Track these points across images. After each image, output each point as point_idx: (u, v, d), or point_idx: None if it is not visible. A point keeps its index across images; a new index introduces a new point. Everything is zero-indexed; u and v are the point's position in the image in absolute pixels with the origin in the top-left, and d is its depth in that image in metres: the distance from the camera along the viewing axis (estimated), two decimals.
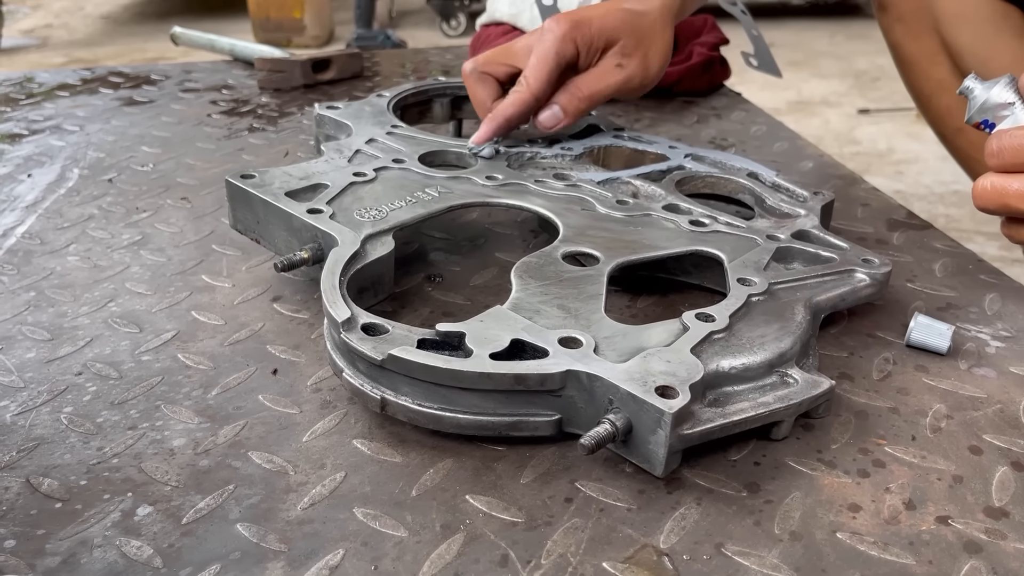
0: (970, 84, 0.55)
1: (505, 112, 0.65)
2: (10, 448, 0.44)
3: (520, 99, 0.65)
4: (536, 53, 0.65)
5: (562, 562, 0.37)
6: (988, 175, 0.54)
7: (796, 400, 0.43)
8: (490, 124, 0.66)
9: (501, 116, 0.65)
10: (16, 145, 0.86)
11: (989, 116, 0.55)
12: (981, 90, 0.55)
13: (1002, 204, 0.53)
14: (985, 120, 0.55)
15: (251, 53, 1.14)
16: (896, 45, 1.02)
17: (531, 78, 0.65)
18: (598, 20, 0.66)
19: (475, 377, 0.41)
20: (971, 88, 0.55)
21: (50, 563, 0.37)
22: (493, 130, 0.66)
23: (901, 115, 2.71)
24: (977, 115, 0.55)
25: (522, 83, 0.65)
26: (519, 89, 0.65)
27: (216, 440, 0.45)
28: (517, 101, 0.65)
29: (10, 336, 0.54)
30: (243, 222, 0.59)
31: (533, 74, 0.65)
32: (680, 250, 0.55)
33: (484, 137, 0.66)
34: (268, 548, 0.38)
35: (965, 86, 0.56)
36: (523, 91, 0.65)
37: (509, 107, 0.65)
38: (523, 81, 0.65)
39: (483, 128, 0.66)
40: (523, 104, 0.65)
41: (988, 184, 0.53)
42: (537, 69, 0.65)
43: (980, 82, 0.55)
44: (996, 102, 0.54)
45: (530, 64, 0.65)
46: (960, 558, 0.38)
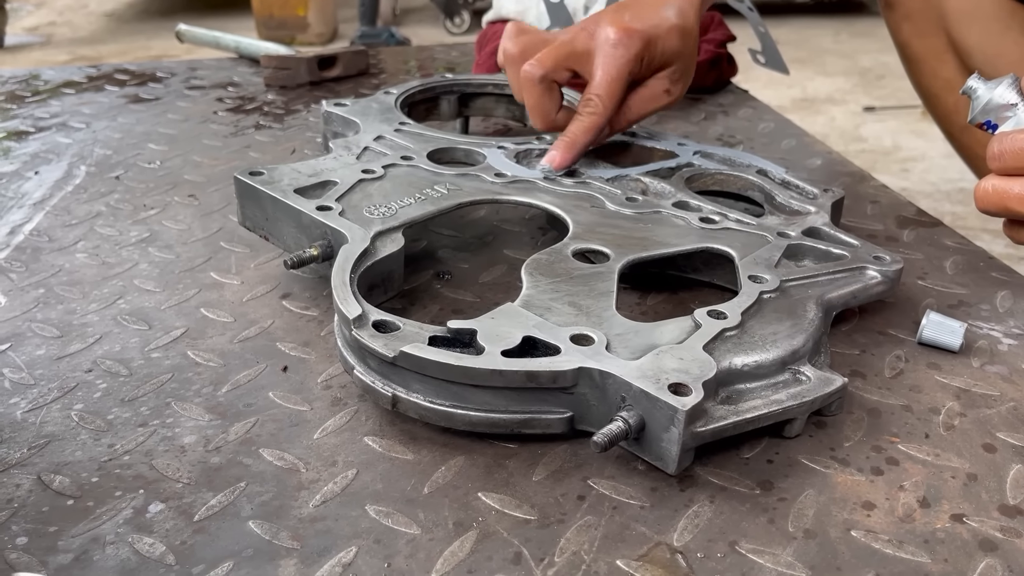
0: (973, 84, 0.55)
1: (584, 139, 0.62)
2: (21, 445, 0.44)
3: (596, 124, 0.62)
4: (607, 70, 0.61)
5: (575, 560, 0.37)
6: (990, 177, 0.54)
7: (809, 398, 0.43)
8: (570, 151, 0.62)
9: (581, 144, 0.62)
10: (23, 142, 0.86)
11: (992, 117, 0.54)
12: (984, 90, 0.55)
13: (1003, 207, 0.53)
14: (988, 121, 0.55)
15: (256, 50, 1.14)
16: (903, 43, 1.01)
17: (607, 99, 0.61)
18: (662, 41, 0.63)
19: (487, 374, 0.41)
20: (974, 88, 0.55)
21: (63, 560, 0.37)
22: (574, 157, 0.63)
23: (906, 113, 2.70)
24: (980, 116, 0.55)
25: (596, 104, 0.62)
26: (595, 111, 0.62)
27: (227, 437, 0.45)
28: (593, 127, 0.62)
29: (20, 333, 0.54)
30: (252, 219, 0.59)
31: (608, 95, 0.61)
32: (690, 247, 0.55)
33: (566, 164, 0.63)
34: (280, 545, 0.38)
35: (968, 86, 0.55)
36: (599, 115, 0.62)
37: (585, 133, 0.62)
38: (597, 102, 0.62)
39: (563, 154, 0.62)
40: (598, 129, 0.62)
41: (990, 187, 0.54)
42: (611, 90, 0.61)
43: (983, 82, 0.55)
44: (999, 103, 0.54)
45: (602, 81, 0.61)
46: (975, 556, 0.38)
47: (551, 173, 0.63)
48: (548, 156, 0.63)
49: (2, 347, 0.52)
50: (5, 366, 0.50)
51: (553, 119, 0.64)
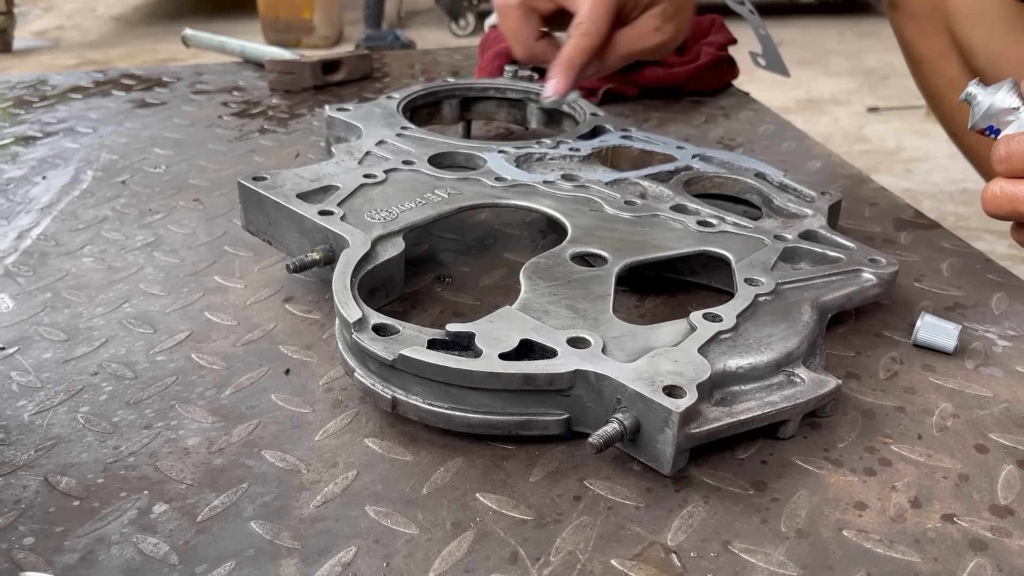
0: (973, 90, 0.55)
1: (577, 60, 0.62)
2: (28, 447, 0.45)
3: (589, 45, 0.61)
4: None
5: (571, 559, 0.38)
6: (997, 181, 0.54)
7: (803, 399, 0.44)
8: (566, 74, 0.62)
9: (577, 64, 0.62)
10: (30, 147, 0.87)
11: (993, 122, 0.55)
12: (984, 96, 0.55)
13: (1012, 210, 0.53)
14: (990, 126, 0.55)
15: (261, 55, 1.15)
16: (907, 43, 1.02)
17: (596, 23, 0.61)
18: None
19: (485, 377, 0.42)
20: (974, 94, 0.55)
21: (68, 560, 0.38)
22: (570, 80, 0.62)
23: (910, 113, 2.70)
24: (981, 121, 0.55)
25: (588, 26, 0.61)
26: (586, 33, 0.61)
27: (230, 439, 0.46)
28: (585, 48, 0.62)
29: (27, 336, 0.55)
30: (255, 224, 0.60)
31: (596, 19, 0.61)
32: (688, 250, 0.55)
33: (567, 87, 0.62)
34: (282, 545, 0.39)
35: (968, 92, 0.56)
36: (591, 37, 0.61)
37: (579, 54, 0.62)
38: (588, 24, 0.61)
39: (559, 78, 0.62)
40: (590, 51, 0.62)
41: (998, 190, 0.53)
42: (599, 13, 0.61)
43: (982, 88, 0.55)
44: (1000, 107, 0.54)
45: (588, 6, 0.61)
46: (965, 555, 0.38)
47: (556, 99, 0.62)
48: (548, 84, 0.63)
49: (10, 350, 0.53)
50: (13, 369, 0.51)
51: (531, 45, 0.64)
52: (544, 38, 0.65)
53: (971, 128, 0.56)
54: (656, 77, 1.01)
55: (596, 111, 0.77)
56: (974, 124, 0.55)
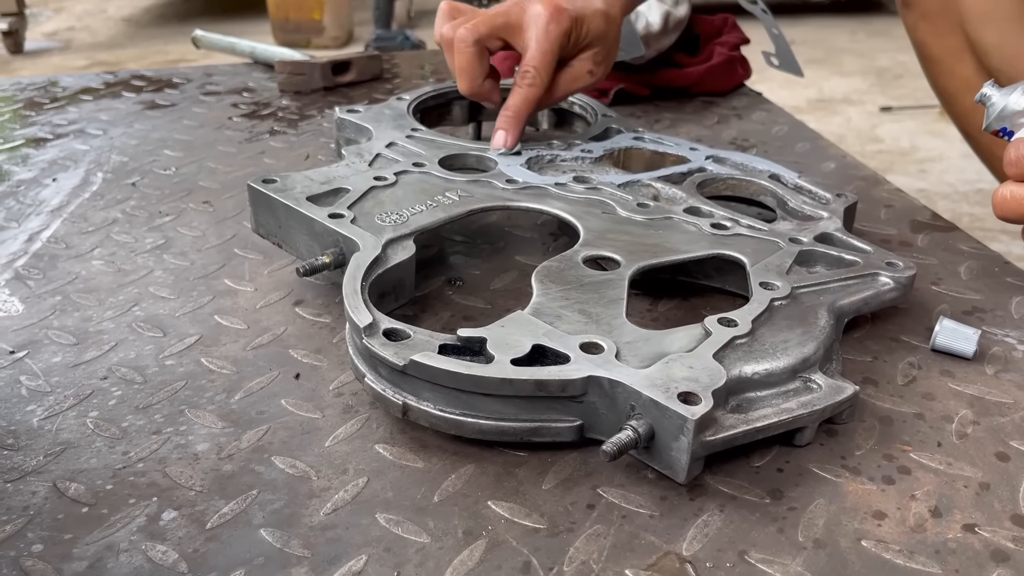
0: (987, 91, 0.55)
1: (524, 111, 0.65)
2: (37, 453, 0.45)
3: (535, 96, 0.65)
4: (541, 44, 0.64)
5: (584, 569, 0.37)
6: (1007, 184, 0.53)
7: (819, 406, 0.43)
8: (514, 126, 0.65)
9: (524, 114, 0.65)
10: (41, 149, 0.87)
11: (1007, 124, 0.54)
12: (998, 97, 0.54)
13: (1022, 214, 0.53)
14: (1003, 128, 0.54)
15: (271, 56, 1.15)
16: (920, 43, 1.01)
17: (544, 72, 0.64)
18: (587, 21, 0.65)
19: (496, 383, 0.41)
20: (988, 95, 0.55)
21: (77, 567, 0.38)
22: (518, 131, 0.66)
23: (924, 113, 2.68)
24: (995, 123, 0.54)
25: (535, 76, 0.64)
26: (533, 83, 0.64)
27: (239, 445, 0.45)
28: (532, 98, 0.65)
29: (36, 340, 0.54)
30: (265, 226, 0.60)
31: (544, 67, 0.64)
32: (701, 254, 0.55)
33: (514, 140, 0.66)
34: (291, 553, 0.38)
35: (982, 93, 0.55)
36: (537, 87, 0.64)
37: (525, 105, 0.65)
38: (535, 74, 0.64)
39: (511, 131, 0.65)
40: (536, 101, 0.65)
41: (1008, 193, 0.53)
42: (545, 61, 0.64)
43: (997, 89, 0.54)
44: (1014, 109, 0.53)
45: (537, 54, 0.64)
46: (987, 567, 0.38)
47: (506, 153, 0.65)
48: (496, 138, 0.66)
49: (20, 354, 0.53)
50: (22, 373, 0.51)
51: (480, 84, 0.66)
52: (490, 76, 0.67)
53: (985, 129, 0.55)
54: (668, 77, 1.00)
55: (607, 112, 0.76)
56: (988, 125, 0.55)
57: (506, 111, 0.66)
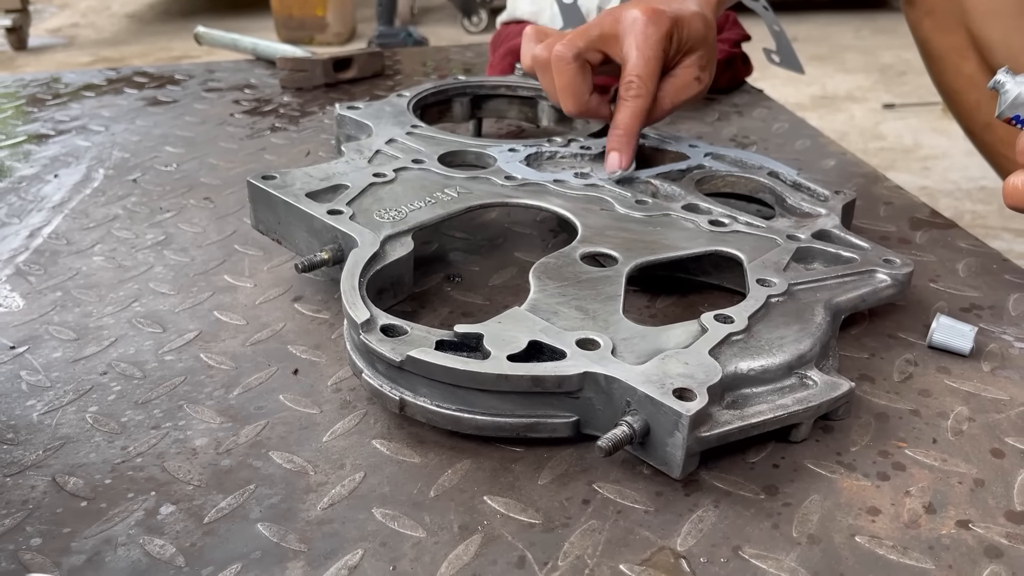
0: (1002, 78, 0.54)
1: (636, 126, 0.60)
2: (37, 447, 0.45)
3: (643, 107, 0.60)
4: (642, 49, 0.59)
5: (579, 564, 0.38)
6: (1020, 173, 0.53)
7: (815, 402, 0.43)
8: (627, 146, 0.60)
9: (635, 131, 0.60)
10: (43, 145, 0.87)
11: (1021, 112, 0.53)
12: (1013, 84, 0.53)
13: None
14: (1017, 116, 0.54)
15: (273, 52, 1.15)
16: (924, 40, 1.00)
17: (649, 80, 0.59)
18: (687, 23, 0.61)
19: (493, 379, 0.42)
20: (1003, 83, 0.54)
21: (75, 561, 0.38)
22: (633, 150, 0.61)
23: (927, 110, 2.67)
24: (1008, 110, 0.54)
25: (640, 86, 0.60)
26: (639, 94, 0.60)
27: (237, 440, 0.45)
28: (641, 111, 0.60)
29: (37, 336, 0.55)
30: (265, 223, 0.60)
31: (649, 75, 0.59)
32: (699, 250, 0.55)
33: (628, 161, 0.61)
34: (288, 548, 0.39)
35: (996, 80, 0.54)
36: (644, 97, 0.60)
37: (636, 119, 0.60)
38: (639, 83, 0.59)
39: (623, 152, 0.60)
40: (644, 113, 0.60)
41: (1020, 182, 0.52)
42: (650, 69, 0.59)
43: (1012, 76, 0.54)
44: None
45: (639, 61, 0.59)
46: (980, 563, 0.38)
47: (621, 175, 0.61)
48: (610, 161, 0.61)
49: (20, 349, 0.53)
50: (23, 368, 0.51)
51: (586, 101, 0.62)
52: (595, 91, 0.62)
53: (998, 117, 0.54)
54: None
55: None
56: (1001, 113, 0.54)
57: (616, 130, 0.61)
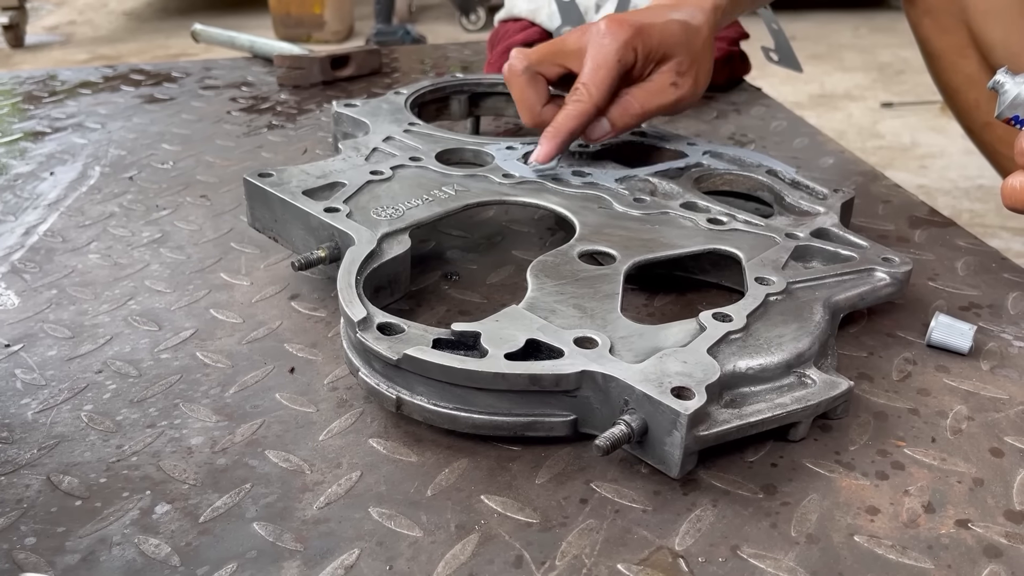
0: (1001, 78, 0.54)
1: (568, 126, 0.61)
2: (31, 446, 0.45)
3: (583, 110, 0.60)
4: (595, 58, 0.60)
5: (577, 563, 0.37)
6: (1018, 174, 0.53)
7: (814, 401, 0.43)
8: (553, 140, 0.61)
9: (564, 131, 0.61)
10: (39, 143, 0.87)
11: (1020, 112, 0.53)
12: (1013, 84, 0.53)
13: None
14: (1016, 116, 0.53)
15: (270, 50, 1.15)
16: (924, 39, 1.00)
17: (592, 87, 0.60)
18: (658, 31, 0.61)
19: (490, 377, 0.41)
20: (1002, 83, 0.54)
21: (70, 560, 0.38)
22: (558, 146, 0.61)
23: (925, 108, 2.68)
24: (1008, 111, 0.54)
25: (582, 92, 0.60)
26: (580, 99, 0.60)
27: (233, 439, 0.45)
28: (579, 112, 0.60)
29: (32, 334, 0.54)
30: (261, 220, 0.60)
31: (594, 83, 0.60)
32: (698, 248, 0.55)
33: (550, 155, 0.61)
34: (284, 547, 0.38)
35: (996, 80, 0.54)
36: (585, 102, 0.60)
37: (571, 119, 0.60)
38: (583, 90, 0.60)
39: (546, 145, 0.61)
40: (585, 116, 0.60)
41: (1018, 183, 0.52)
42: (598, 77, 0.60)
43: (1011, 76, 0.54)
44: None
45: (588, 70, 0.60)
46: (979, 562, 0.37)
47: (538, 167, 0.62)
48: (534, 152, 0.62)
49: (15, 348, 0.53)
50: (17, 367, 0.51)
51: (538, 112, 0.62)
52: (551, 102, 0.63)
53: (997, 117, 0.54)
54: None
55: None
56: (1000, 113, 0.54)
57: (548, 127, 0.61)
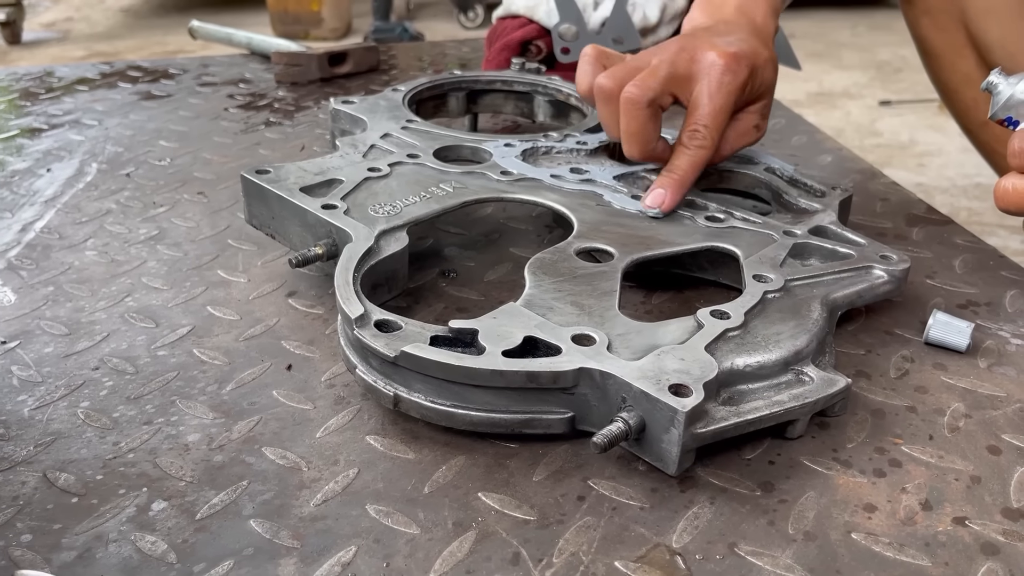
0: (994, 79, 0.54)
1: (692, 175, 0.58)
2: (28, 443, 0.45)
3: (704, 159, 0.58)
4: (714, 99, 0.57)
5: (574, 561, 0.37)
6: (1011, 176, 0.53)
7: (811, 399, 0.43)
8: (680, 190, 0.58)
9: (689, 181, 0.58)
10: (36, 139, 0.87)
11: (1013, 113, 0.53)
12: (1006, 86, 0.53)
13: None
14: (1009, 117, 0.54)
15: (268, 47, 1.15)
16: (922, 38, 1.00)
17: (715, 131, 0.57)
18: (761, 72, 0.59)
19: (487, 374, 0.41)
20: (995, 84, 0.54)
21: (66, 557, 0.38)
22: (679, 198, 0.58)
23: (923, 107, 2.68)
24: (1001, 112, 0.54)
25: (704, 137, 0.57)
26: (703, 145, 0.57)
27: (230, 436, 0.45)
28: (701, 161, 0.58)
29: (28, 331, 0.54)
30: (258, 217, 0.60)
31: (715, 126, 0.57)
32: (696, 246, 0.55)
33: (672, 205, 0.57)
34: (281, 544, 0.38)
35: (989, 81, 0.54)
36: (707, 149, 0.58)
37: (696, 167, 0.58)
38: (705, 133, 0.57)
39: (671, 194, 0.57)
40: (703, 164, 0.58)
41: (1010, 185, 0.52)
42: (718, 121, 0.57)
43: (1005, 77, 0.54)
44: (1021, 99, 0.53)
45: (709, 112, 0.57)
46: (977, 560, 0.37)
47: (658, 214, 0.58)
48: (654, 196, 0.58)
49: (11, 344, 0.53)
50: (14, 364, 0.51)
51: (653, 147, 0.59)
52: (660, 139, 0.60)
53: (991, 118, 0.54)
54: None
55: None
56: (993, 114, 0.54)
57: (671, 173, 0.58)
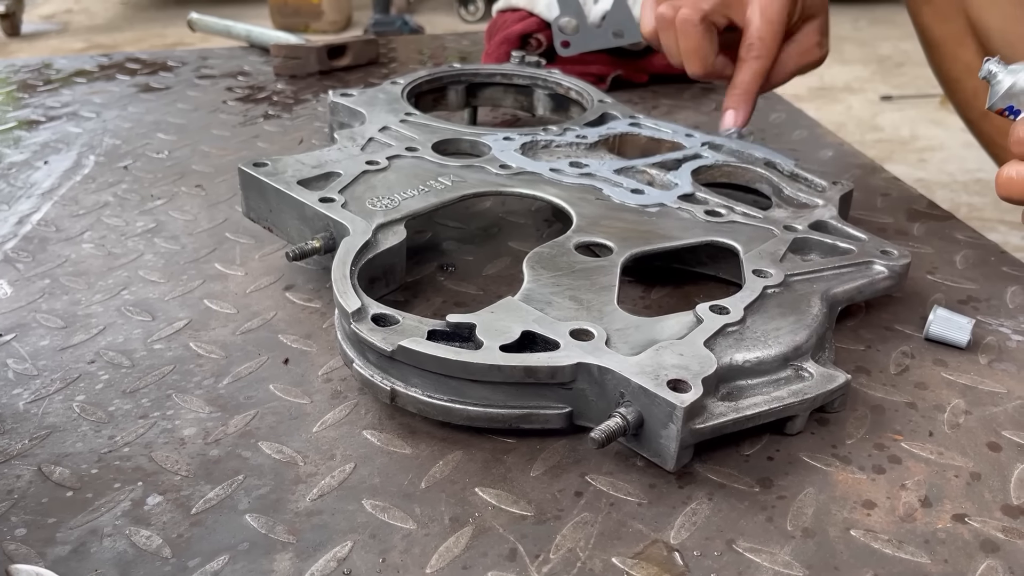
0: (993, 68, 0.53)
1: (754, 87, 0.59)
2: (23, 436, 0.44)
3: (763, 68, 0.59)
4: (765, 12, 0.58)
5: (571, 557, 0.37)
6: (1012, 164, 0.52)
7: (811, 394, 0.43)
8: (745, 103, 0.60)
9: (753, 91, 0.59)
10: (33, 132, 0.86)
11: (1014, 102, 0.53)
12: (1005, 75, 0.52)
13: None
14: (1010, 106, 0.53)
15: (267, 39, 1.14)
16: (924, 27, 1.00)
17: (768, 41, 0.59)
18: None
19: (485, 369, 0.41)
20: (994, 73, 0.53)
21: (60, 552, 0.37)
22: (750, 109, 0.60)
23: (924, 101, 2.67)
24: (1001, 101, 0.53)
25: (760, 48, 0.59)
26: (759, 55, 0.59)
27: (226, 430, 0.45)
28: (761, 71, 0.59)
29: (24, 323, 0.54)
30: (256, 210, 0.59)
31: (770, 36, 0.58)
32: (695, 241, 0.54)
33: (745, 118, 0.60)
34: (276, 539, 0.38)
35: (987, 70, 0.53)
36: (765, 58, 0.59)
37: (757, 77, 0.59)
38: (760, 45, 0.59)
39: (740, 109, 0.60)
40: (764, 74, 0.59)
41: (1013, 173, 0.52)
42: (772, 31, 0.58)
43: (1003, 66, 0.53)
44: (1022, 87, 0.52)
45: (761, 23, 0.58)
46: (976, 557, 0.37)
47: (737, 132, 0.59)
48: (726, 118, 0.60)
49: (7, 337, 0.53)
50: (9, 357, 0.51)
51: (712, 63, 0.61)
52: (722, 53, 0.61)
53: (990, 108, 0.53)
54: (666, 64, 0.99)
55: (604, 98, 0.75)
56: (992, 104, 0.53)
57: (735, 89, 0.60)
